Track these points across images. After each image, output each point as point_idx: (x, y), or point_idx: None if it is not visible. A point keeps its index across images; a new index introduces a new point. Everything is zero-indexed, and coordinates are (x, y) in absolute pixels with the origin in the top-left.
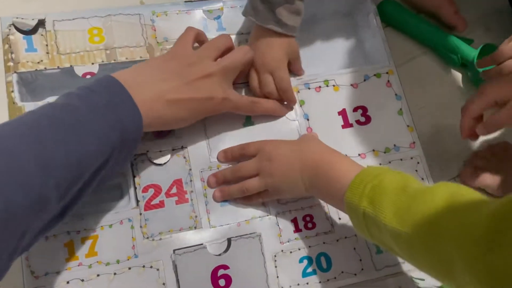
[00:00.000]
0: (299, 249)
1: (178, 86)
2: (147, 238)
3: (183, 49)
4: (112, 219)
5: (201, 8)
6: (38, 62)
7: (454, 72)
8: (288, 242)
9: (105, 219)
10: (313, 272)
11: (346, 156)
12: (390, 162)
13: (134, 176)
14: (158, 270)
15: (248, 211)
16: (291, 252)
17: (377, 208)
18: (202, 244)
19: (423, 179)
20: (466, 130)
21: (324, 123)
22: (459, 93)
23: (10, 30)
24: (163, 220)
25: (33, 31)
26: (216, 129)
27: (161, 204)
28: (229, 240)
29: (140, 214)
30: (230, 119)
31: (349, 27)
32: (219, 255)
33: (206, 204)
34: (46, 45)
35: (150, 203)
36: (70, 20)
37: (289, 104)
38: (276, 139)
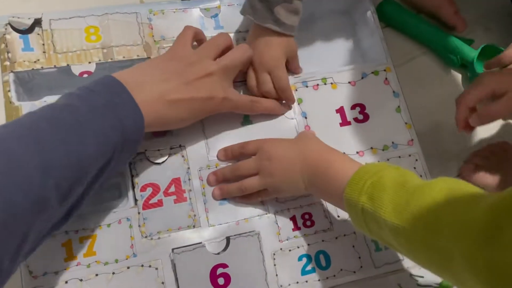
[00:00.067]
0: (298, 247)
1: (179, 86)
2: (146, 237)
3: (182, 48)
4: (110, 219)
5: (198, 6)
6: (35, 61)
7: (453, 73)
8: (287, 240)
9: (103, 219)
10: (312, 270)
11: (344, 154)
12: (388, 160)
13: (132, 175)
14: (157, 269)
15: (247, 209)
16: (290, 250)
17: (376, 203)
18: (201, 243)
19: (421, 176)
20: (462, 121)
21: (322, 121)
22: (459, 93)
23: (6, 29)
24: (161, 219)
25: (29, 30)
26: (215, 127)
27: (159, 203)
28: (228, 238)
29: (139, 213)
30: (228, 118)
31: (347, 25)
32: (218, 253)
33: (205, 203)
34: (43, 44)
35: (149, 202)
36: (67, 19)
37: (287, 103)
38: (275, 138)
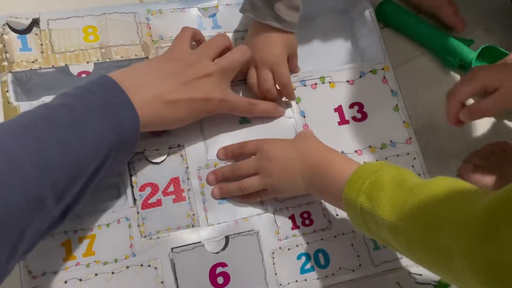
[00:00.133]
0: (297, 246)
1: (176, 86)
2: (145, 237)
3: (180, 49)
4: (109, 218)
5: (196, 6)
6: (33, 62)
7: (452, 73)
8: (286, 239)
9: (102, 218)
10: (311, 269)
11: (343, 154)
12: (386, 158)
13: (131, 175)
14: (156, 268)
15: (246, 208)
16: (289, 249)
17: (374, 203)
18: (200, 242)
19: (419, 174)
20: (453, 115)
21: (321, 120)
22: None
23: (4, 29)
24: (160, 218)
25: (27, 30)
26: (213, 127)
27: (158, 203)
28: (227, 237)
29: (138, 213)
30: (226, 117)
31: (344, 24)
32: (217, 253)
33: (204, 202)
34: (41, 44)
35: (147, 201)
36: (65, 19)
37: (288, 100)
38: (275, 138)
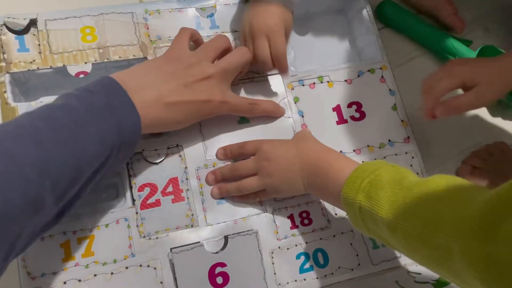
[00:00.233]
0: (296, 245)
1: (177, 88)
2: (144, 237)
3: (180, 51)
4: (108, 219)
5: (194, 6)
6: (31, 62)
7: None
8: (285, 238)
9: (101, 219)
10: (310, 268)
11: (342, 154)
12: (385, 158)
13: (129, 175)
14: (155, 269)
15: (245, 208)
16: (288, 248)
17: (373, 202)
18: (199, 242)
19: (418, 173)
20: (431, 111)
21: (319, 120)
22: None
23: (1, 30)
24: (159, 219)
25: (25, 30)
26: (212, 127)
27: (157, 203)
28: (226, 237)
29: (136, 213)
30: (225, 117)
31: (342, 23)
32: (216, 253)
33: (203, 202)
34: (39, 44)
35: (146, 202)
36: (62, 19)
37: (281, 73)
38: (274, 139)
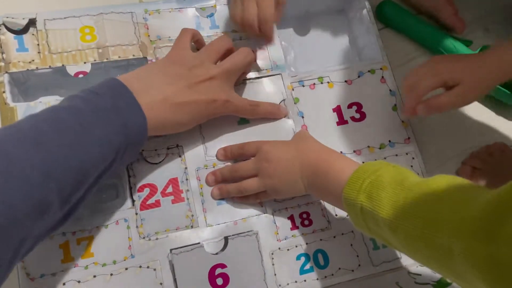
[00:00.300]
0: (296, 246)
1: (182, 89)
2: (144, 238)
3: (182, 52)
4: (108, 220)
5: (193, 6)
6: (30, 62)
7: None
8: (285, 239)
9: (100, 220)
10: (310, 269)
11: (341, 154)
12: (385, 158)
13: (129, 176)
14: (155, 270)
15: (245, 209)
16: (288, 249)
17: (374, 202)
18: (199, 243)
19: (418, 174)
20: (412, 109)
21: (319, 121)
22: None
23: (0, 29)
24: (159, 219)
25: (24, 30)
26: (212, 127)
27: (157, 204)
28: (226, 238)
29: (136, 214)
30: (225, 117)
31: (342, 23)
32: (216, 254)
33: (203, 203)
34: (38, 44)
35: (146, 202)
36: (62, 19)
37: (265, 40)
38: (274, 140)
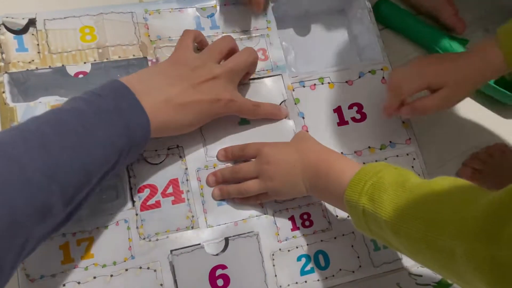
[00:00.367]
0: (297, 247)
1: (185, 90)
2: (144, 239)
3: (185, 53)
4: (108, 220)
5: (194, 6)
6: (29, 62)
7: None
8: (286, 240)
9: (100, 221)
10: (311, 270)
11: (341, 154)
12: (386, 159)
13: (129, 177)
14: (155, 271)
15: (245, 210)
16: (289, 250)
17: (376, 204)
18: (200, 244)
19: (419, 175)
20: (394, 110)
21: (320, 121)
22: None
23: (0, 29)
24: (159, 220)
25: (23, 30)
26: (212, 128)
27: (157, 204)
28: (226, 239)
29: (136, 214)
30: (226, 118)
31: (343, 24)
32: (217, 254)
33: (203, 204)
34: (37, 44)
35: (146, 203)
36: (62, 19)
37: (256, 7)
38: (275, 142)
